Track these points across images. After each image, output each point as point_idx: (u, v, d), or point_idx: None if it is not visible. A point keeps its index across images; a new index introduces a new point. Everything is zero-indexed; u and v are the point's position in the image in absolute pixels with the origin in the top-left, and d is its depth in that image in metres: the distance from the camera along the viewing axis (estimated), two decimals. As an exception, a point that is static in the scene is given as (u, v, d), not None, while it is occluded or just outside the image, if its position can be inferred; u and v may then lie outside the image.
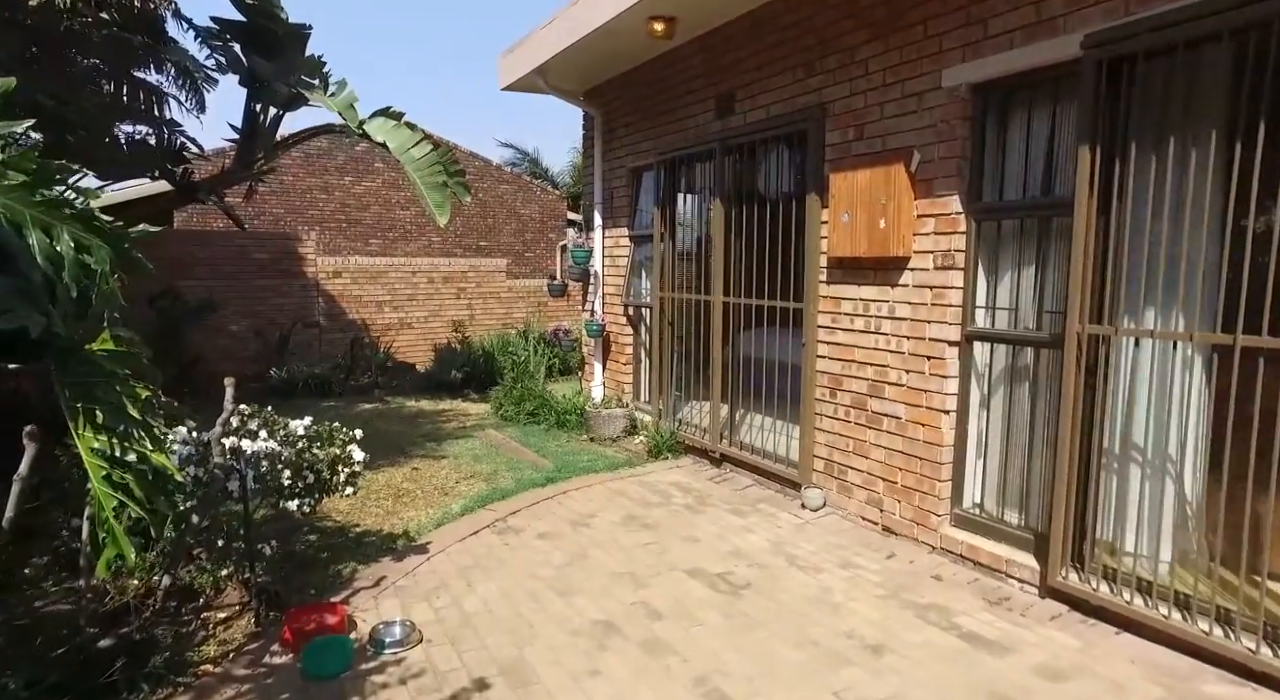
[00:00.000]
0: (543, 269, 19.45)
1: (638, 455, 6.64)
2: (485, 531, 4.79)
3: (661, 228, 6.84)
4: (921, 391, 4.41)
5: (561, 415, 7.69)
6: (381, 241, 17.61)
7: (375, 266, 11.98)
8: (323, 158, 16.91)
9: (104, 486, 2.43)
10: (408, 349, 12.15)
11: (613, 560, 4.34)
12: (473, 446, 6.92)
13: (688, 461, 6.50)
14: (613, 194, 7.72)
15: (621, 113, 7.47)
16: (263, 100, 7.93)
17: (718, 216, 6.08)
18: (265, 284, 10.96)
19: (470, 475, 5.96)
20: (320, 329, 11.41)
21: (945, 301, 4.24)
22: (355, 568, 4.14)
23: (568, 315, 13.61)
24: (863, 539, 4.66)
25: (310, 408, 8.79)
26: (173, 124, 7.46)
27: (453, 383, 10.20)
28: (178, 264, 10.31)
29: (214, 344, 10.51)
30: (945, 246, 4.22)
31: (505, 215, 19.29)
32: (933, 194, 4.26)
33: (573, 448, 6.92)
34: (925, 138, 4.28)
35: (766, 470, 5.71)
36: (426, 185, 7.69)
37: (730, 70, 5.92)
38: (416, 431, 7.59)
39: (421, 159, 7.75)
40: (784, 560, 4.34)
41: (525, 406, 8.05)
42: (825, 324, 5.13)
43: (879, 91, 4.60)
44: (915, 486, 4.46)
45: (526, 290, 13.40)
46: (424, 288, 12.38)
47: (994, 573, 3.95)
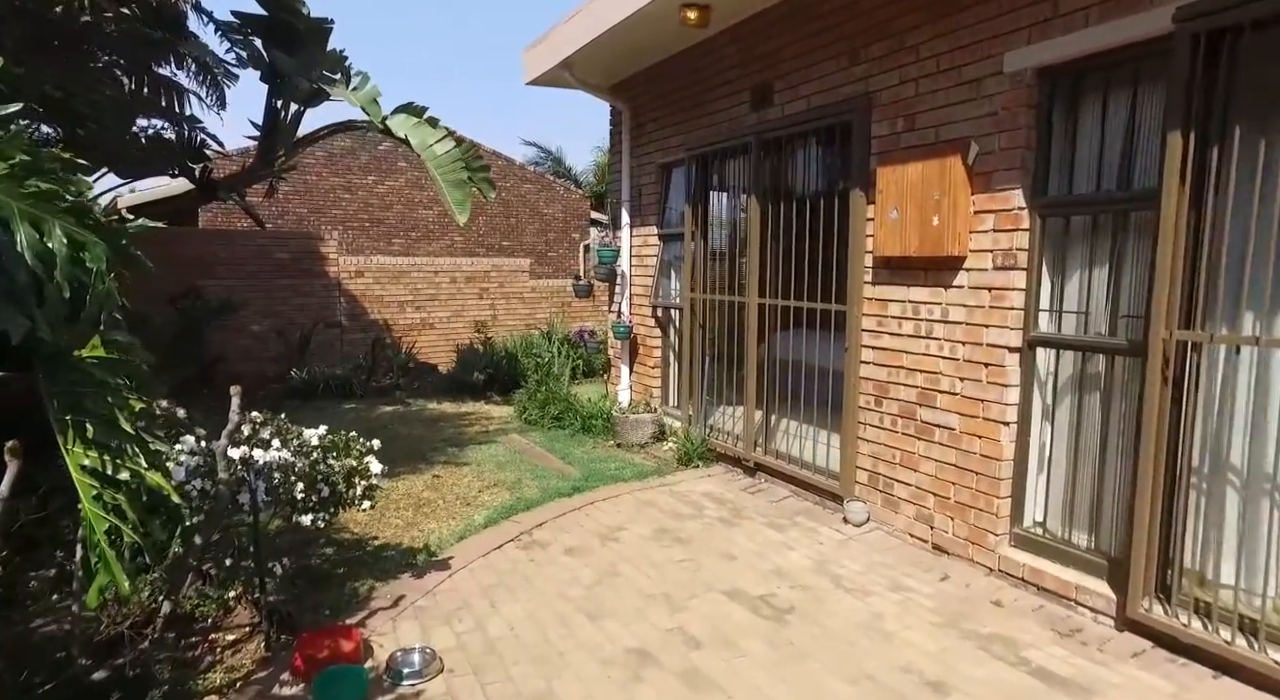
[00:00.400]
0: (565, 269, 19.24)
1: (667, 463, 6.36)
2: (510, 545, 4.53)
3: (692, 226, 6.55)
4: (978, 401, 4.08)
5: (587, 420, 7.43)
6: (404, 241, 17.48)
7: (397, 266, 11.80)
8: (346, 157, 16.81)
9: (94, 507, 2.19)
10: (429, 350, 11.96)
11: (645, 579, 4.06)
12: (496, 453, 6.68)
13: (719, 470, 6.21)
14: (640, 191, 7.45)
15: (650, 107, 7.19)
16: (284, 96, 7.75)
17: (753, 214, 5.79)
18: (287, 284, 10.82)
19: (494, 484, 5.71)
20: (342, 329, 11.26)
21: (1005, 304, 3.91)
22: (373, 585, 3.90)
23: (592, 316, 13.37)
24: (912, 558, 4.34)
25: (330, 410, 8.62)
26: (193, 120, 7.30)
27: (475, 384, 9.98)
28: (199, 263, 10.20)
29: (235, 344, 10.39)
30: (1006, 245, 3.89)
31: (528, 215, 19.09)
32: (992, 188, 3.94)
33: (599, 454, 6.65)
34: (984, 128, 3.96)
35: (804, 481, 5.41)
36: (447, 182, 7.48)
37: (767, 60, 5.62)
38: (438, 436, 7.37)
39: (443, 155, 7.54)
40: (829, 581, 4.04)
41: (550, 410, 7.80)
42: (870, 327, 4.82)
43: (931, 79, 4.28)
44: (970, 503, 4.14)
45: (550, 290, 13.17)
46: (446, 288, 12.19)
47: (1061, 599, 3.62)
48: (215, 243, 10.39)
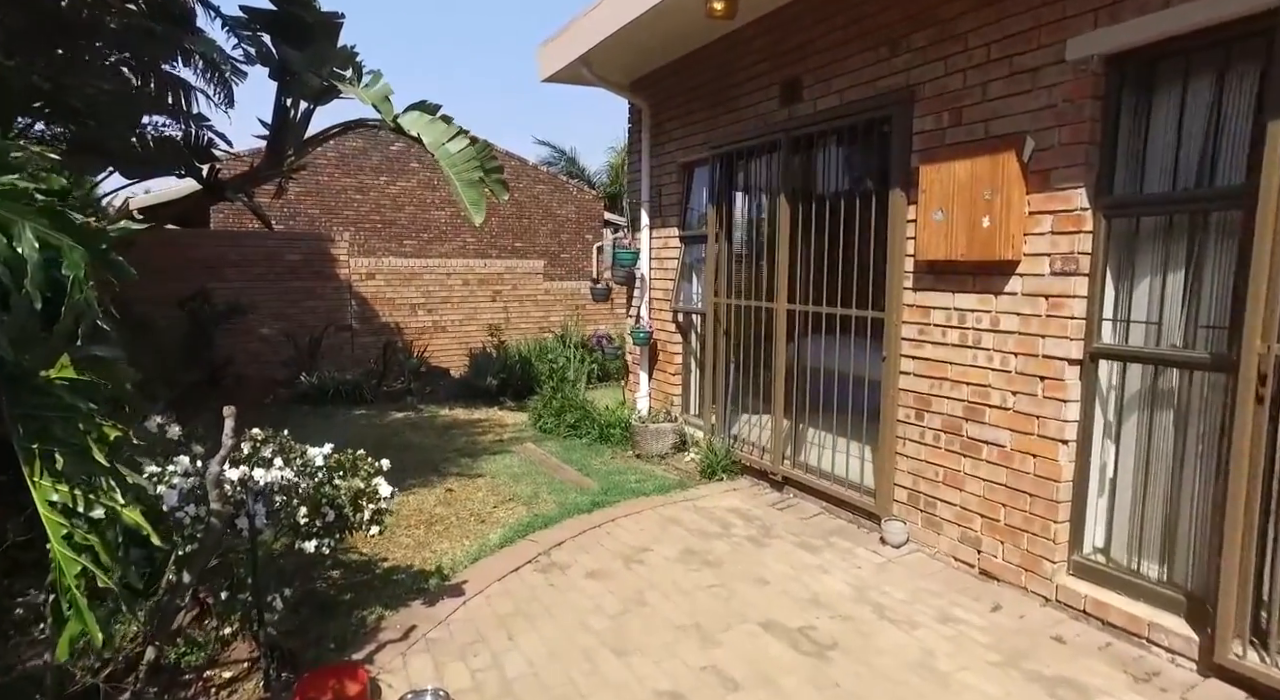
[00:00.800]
0: (579, 271, 18.98)
1: (689, 475, 6.07)
2: (527, 568, 4.25)
3: (716, 227, 6.26)
4: (1032, 417, 3.77)
5: (605, 429, 7.14)
6: (416, 242, 17.25)
7: (409, 268, 11.57)
8: (358, 158, 16.60)
9: (64, 548, 1.92)
10: (441, 354, 11.72)
11: (674, 608, 3.77)
12: (511, 464, 6.40)
13: (744, 483, 5.91)
14: (661, 191, 7.16)
15: (671, 104, 6.90)
16: (293, 93, 7.51)
17: (782, 215, 5.49)
18: (297, 286, 10.60)
19: (509, 498, 5.43)
20: (353, 332, 11.03)
21: (1064, 312, 3.60)
22: (381, 614, 3.63)
23: (607, 320, 13.09)
24: (958, 584, 4.03)
25: (340, 416, 8.37)
26: (200, 118, 7.06)
27: (488, 390, 9.71)
28: (208, 265, 10.00)
29: (244, 347, 10.18)
30: (1066, 248, 3.58)
31: (541, 216, 18.84)
32: (1050, 187, 3.63)
33: (618, 466, 6.37)
34: (1041, 121, 3.65)
35: (837, 497, 5.10)
36: (462, 182, 7.21)
37: (797, 53, 5.32)
38: (450, 445, 7.10)
39: (457, 154, 7.27)
40: (871, 610, 3.74)
41: (566, 418, 7.52)
42: (910, 336, 4.51)
43: (981, 69, 3.97)
44: (1023, 527, 3.82)
45: (564, 293, 12.90)
46: (459, 290, 11.95)
47: (1131, 637, 3.30)
48: (225, 244, 10.18)
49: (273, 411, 8.65)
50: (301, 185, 16.04)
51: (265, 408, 8.88)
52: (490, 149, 7.61)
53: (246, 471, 3.15)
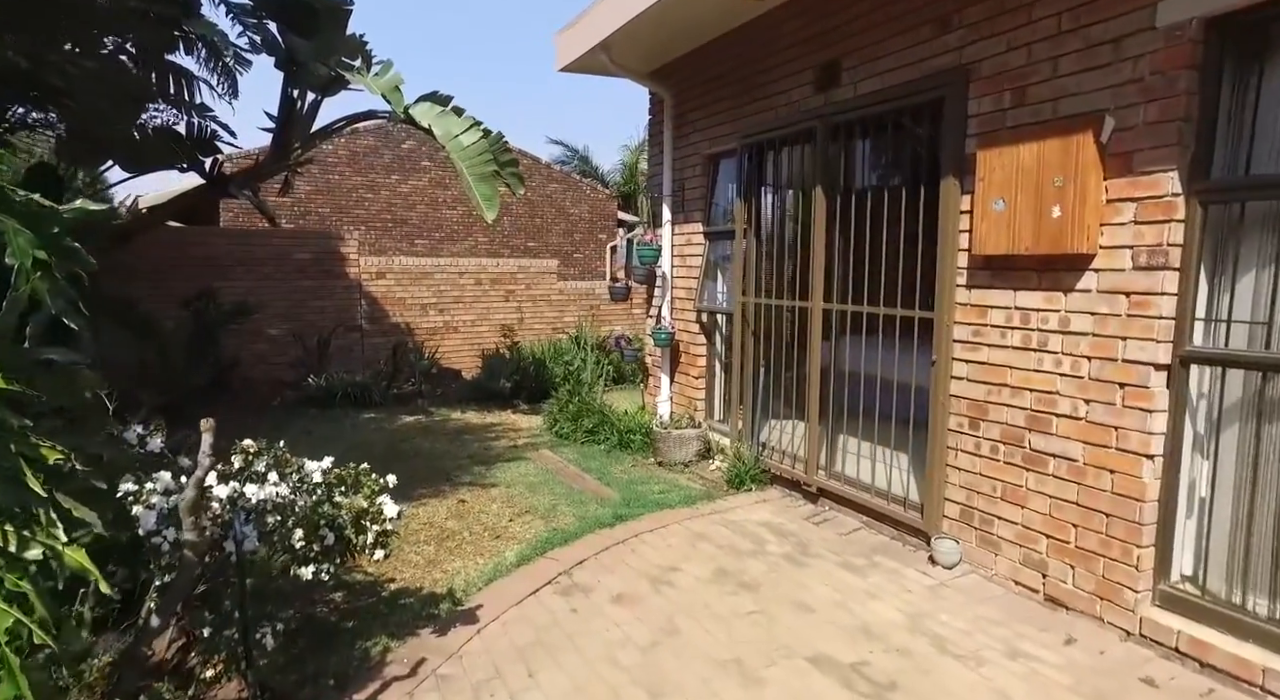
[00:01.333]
0: (592, 270, 18.64)
1: (716, 485, 5.68)
2: (547, 590, 3.88)
3: (744, 222, 5.87)
4: (1110, 428, 3.37)
5: (625, 435, 6.77)
6: (428, 242, 16.95)
7: (420, 267, 11.23)
8: (369, 156, 16.31)
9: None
10: (453, 355, 11.37)
11: (710, 638, 3.39)
12: (526, 472, 6.03)
13: (775, 494, 5.52)
14: (684, 185, 6.78)
15: (696, 93, 6.52)
16: (300, 84, 7.17)
17: (817, 208, 5.10)
18: (305, 285, 10.27)
19: (525, 510, 5.06)
20: (363, 333, 10.70)
21: (1149, 311, 3.20)
22: (387, 645, 3.26)
23: (622, 320, 12.71)
24: (1021, 612, 3.63)
25: (349, 420, 8.03)
26: (203, 109, 6.74)
27: (501, 392, 9.36)
28: (215, 264, 9.69)
29: (251, 348, 9.86)
30: (1152, 239, 3.18)
31: (554, 215, 18.50)
32: (1133, 171, 3.22)
33: (640, 474, 5.99)
34: (1124, 97, 3.24)
35: (878, 511, 4.71)
36: (474, 177, 6.86)
37: (834, 34, 4.93)
38: (463, 451, 6.73)
39: (470, 147, 6.92)
40: (929, 643, 3.34)
41: (583, 423, 7.15)
42: (964, 338, 4.11)
43: (1050, 43, 3.57)
44: (1099, 550, 3.42)
45: (578, 293, 12.54)
46: (471, 290, 11.60)
47: (1240, 683, 2.89)
48: (231, 242, 9.87)
49: (279, 414, 8.32)
50: (312, 184, 15.77)
51: (272, 410, 8.55)
52: (504, 142, 7.25)
53: (237, 488, 2.80)
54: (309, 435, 7.26)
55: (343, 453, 6.52)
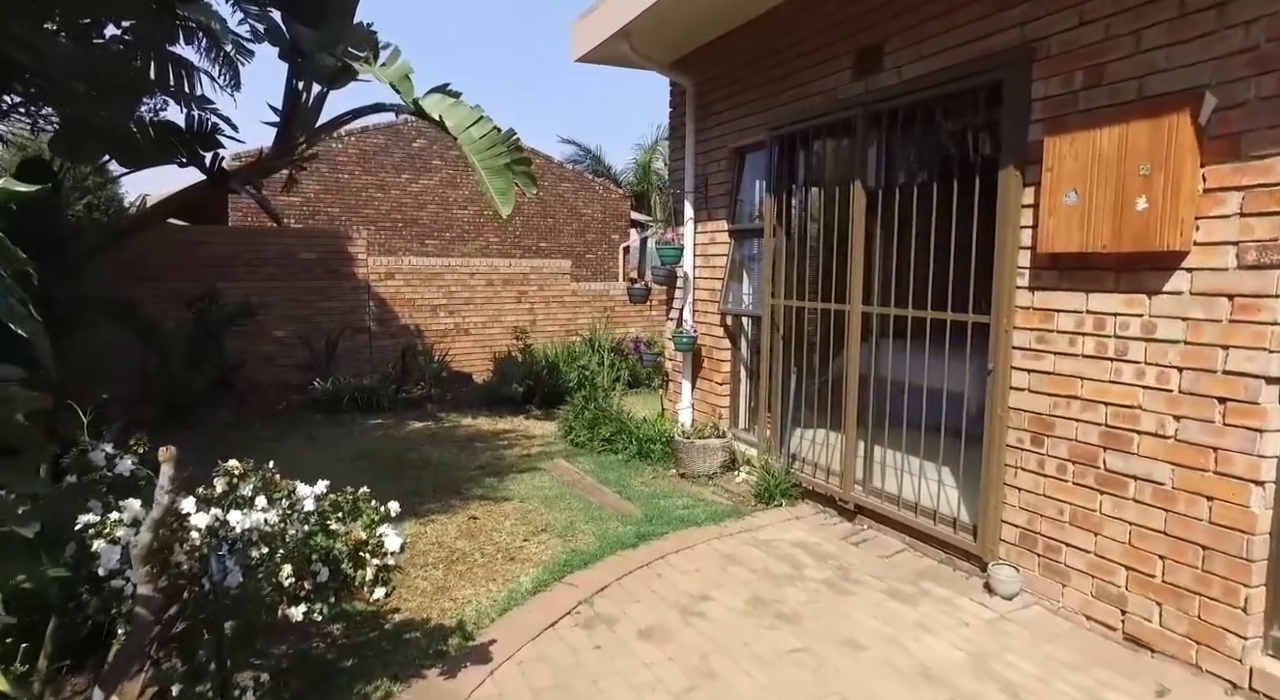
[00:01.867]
0: (605, 271, 18.28)
1: (743, 500, 5.29)
2: (566, 622, 3.49)
3: (774, 220, 5.48)
4: (1207, 448, 2.96)
5: (644, 444, 6.38)
6: (438, 242, 16.63)
7: (430, 267, 10.88)
8: (379, 155, 16.00)
9: None
10: (464, 358, 11.01)
11: (751, 683, 2.99)
12: (542, 484, 5.65)
13: (807, 510, 5.12)
14: (707, 181, 6.38)
15: (721, 82, 6.13)
16: (305, 75, 6.82)
17: (856, 203, 4.70)
18: (312, 286, 9.93)
19: (541, 528, 4.68)
20: (371, 335, 10.35)
21: (1258, 317, 2.79)
22: (389, 689, 2.88)
23: (637, 322, 12.34)
24: (1098, 653, 3.22)
25: (355, 426, 7.68)
26: (203, 100, 6.40)
27: (514, 397, 8.99)
28: (219, 264, 9.36)
29: (256, 351, 9.53)
30: (1263, 233, 2.77)
31: (566, 215, 18.15)
32: (1241, 155, 2.82)
33: (662, 487, 5.60)
34: (1229, 71, 2.84)
35: (923, 532, 4.31)
36: (488, 170, 6.50)
37: (876, 15, 4.53)
38: (474, 461, 6.36)
39: (482, 139, 6.56)
40: (1000, 690, 2.94)
41: (600, 432, 6.76)
42: (1025, 345, 3.71)
43: (1132, 14, 3.17)
44: (1194, 588, 3.01)
45: (591, 294, 12.16)
46: (482, 291, 11.24)
47: (1375, 748, 2.48)
48: (237, 242, 9.54)
49: (283, 419, 7.98)
50: (321, 183, 15.48)
51: (276, 415, 8.22)
52: (516, 137, 6.89)
53: (219, 516, 2.42)
54: (313, 442, 6.91)
55: (348, 461, 6.23)
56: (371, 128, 15.93)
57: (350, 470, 5.88)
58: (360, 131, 15.82)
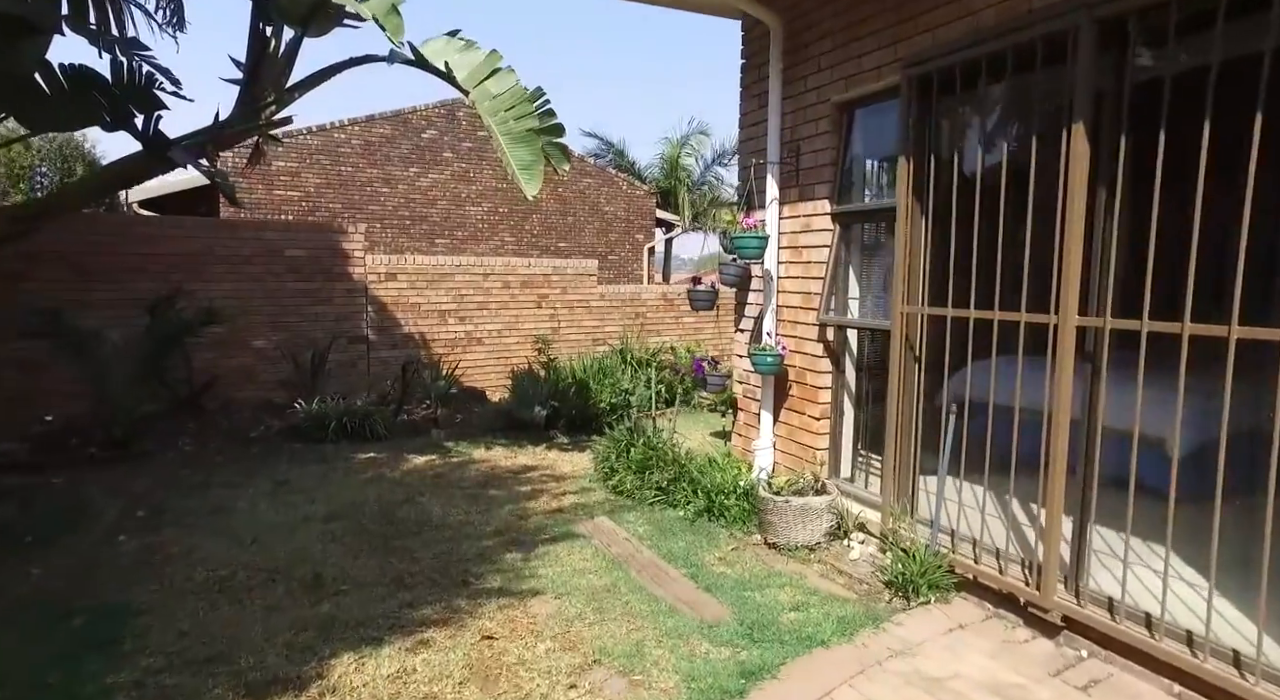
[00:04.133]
0: (628, 274, 16.66)
1: (870, 591, 3.64)
2: None
3: (910, 195, 3.82)
4: None
5: (714, 497, 4.71)
6: (449, 241, 15.02)
7: (438, 268, 9.25)
8: (385, 146, 14.42)
9: None
10: (475, 371, 9.39)
11: None
12: (583, 562, 3.99)
13: (971, 612, 3.45)
14: (799, 147, 4.72)
15: (824, 13, 4.47)
16: (273, 18, 5.23)
17: (1075, 165, 3.03)
18: (300, 288, 8.33)
19: (593, 656, 3.01)
20: (369, 345, 8.74)
21: None
22: None
23: (672, 331, 10.71)
24: None
25: (339, 461, 6.03)
26: (136, 45, 4.79)
27: (535, 422, 7.34)
28: (189, 262, 7.78)
29: (232, 364, 7.94)
30: None
31: (587, 213, 16.52)
32: None
33: (750, 567, 3.95)
34: None
35: (1210, 683, 2.63)
36: (509, 137, 4.87)
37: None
38: (488, 519, 4.70)
39: (502, 96, 4.93)
40: None
41: (653, 476, 5.11)
42: None
43: None
44: None
45: (621, 298, 10.51)
46: (497, 294, 9.61)
47: None
48: (210, 236, 7.94)
49: (254, 452, 6.36)
50: (322, 176, 13.91)
51: (246, 445, 6.59)
52: (545, 98, 5.28)
53: None
54: (282, 487, 5.27)
55: (318, 522, 4.53)
56: (377, 116, 14.35)
57: (319, 538, 4.24)
58: (365, 120, 14.25)
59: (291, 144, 13.62)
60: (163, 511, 4.64)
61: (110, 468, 5.66)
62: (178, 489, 5.11)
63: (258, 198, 13.37)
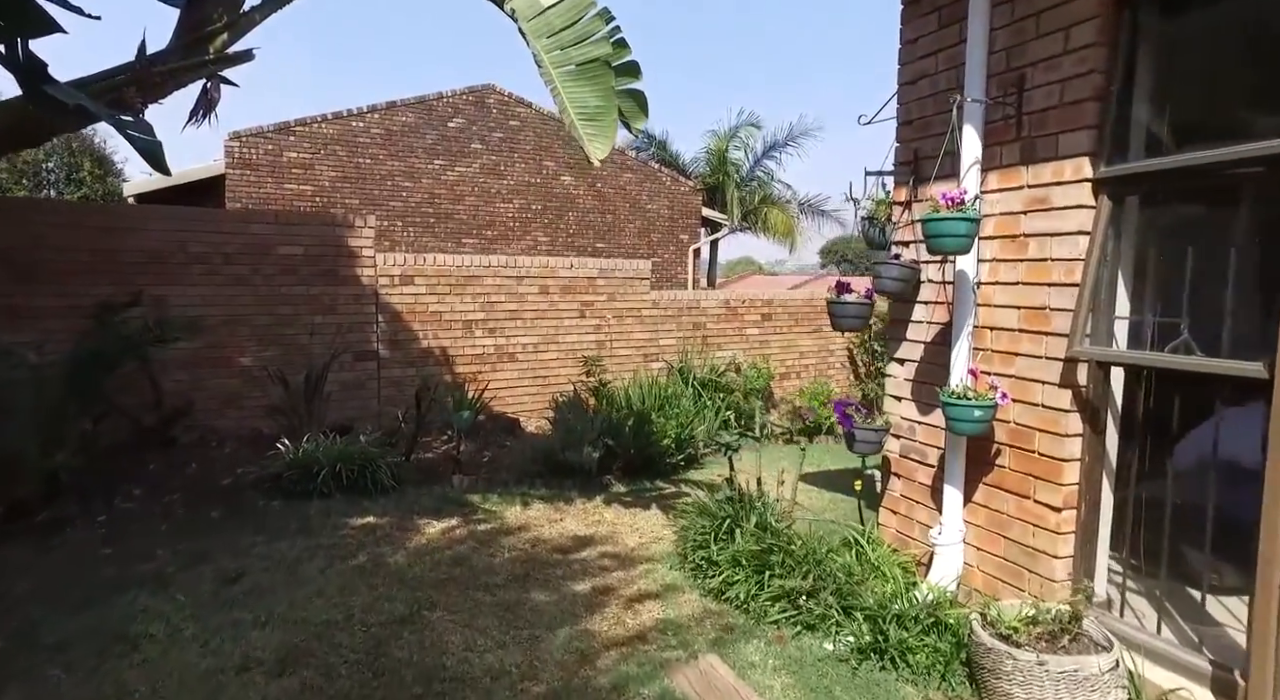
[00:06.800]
0: (672, 278, 14.89)
1: None
2: None
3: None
4: None
5: (883, 624, 2.94)
6: (478, 241, 13.39)
7: (463, 269, 7.56)
8: (408, 136, 12.82)
9: None
10: (507, 394, 7.69)
11: None
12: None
13: None
14: (1025, 79, 2.93)
15: None
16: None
17: None
18: (296, 293, 6.69)
19: None
20: (379, 362, 7.08)
21: None
22: None
23: (735, 344, 8.95)
24: None
25: (324, 531, 4.28)
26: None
27: (584, 466, 5.61)
28: (158, 261, 6.17)
29: (211, 386, 6.33)
30: None
31: (628, 210, 14.80)
32: None
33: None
34: None
35: None
36: (567, 72, 3.10)
37: None
38: (532, 665, 2.94)
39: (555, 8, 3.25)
40: None
41: (780, 579, 3.33)
42: None
43: None
44: None
45: (678, 307, 8.75)
46: (533, 301, 7.90)
47: None
48: (183, 229, 6.31)
49: (214, 517, 4.65)
50: (338, 168, 12.33)
51: (212, 502, 4.90)
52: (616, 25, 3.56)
53: None
54: (231, 586, 3.54)
55: (265, 676, 2.45)
56: (399, 103, 12.76)
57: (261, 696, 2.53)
58: (386, 107, 12.67)
59: (305, 133, 12.07)
60: (22, 645, 2.94)
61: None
62: (73, 592, 3.41)
63: (266, 192, 11.82)
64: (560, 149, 14.00)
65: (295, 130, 12.06)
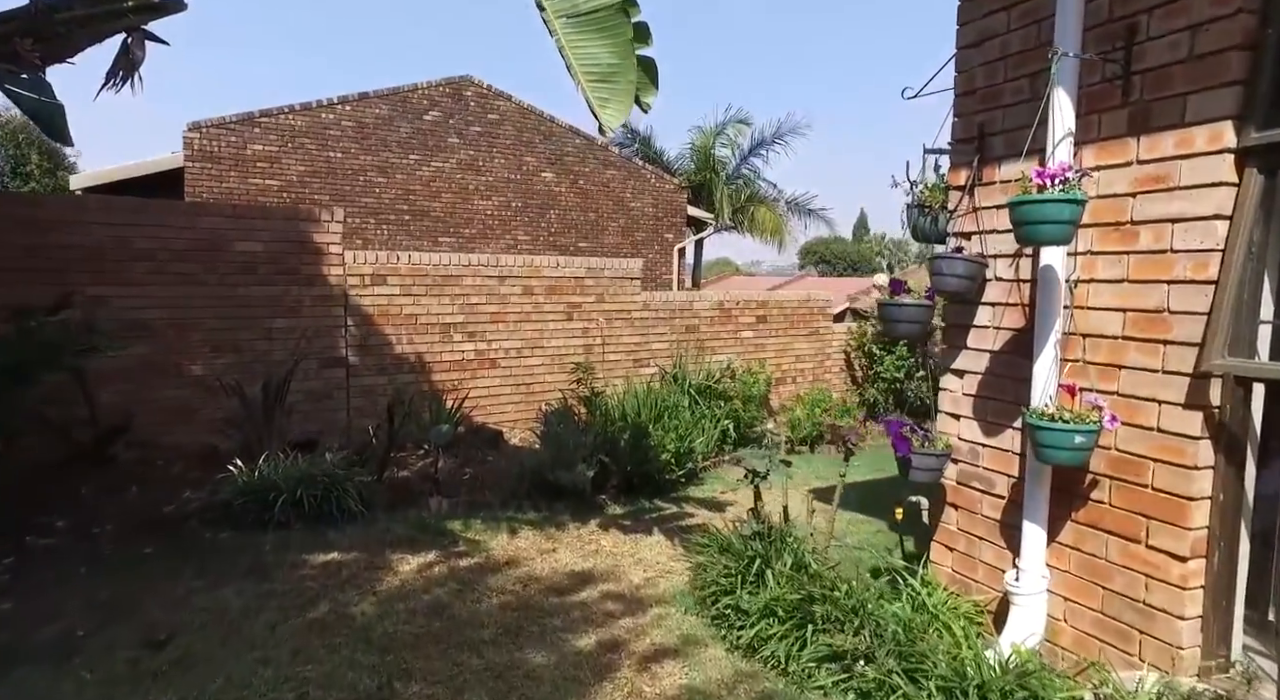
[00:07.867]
0: (657, 278, 14.27)
1: None
2: None
3: None
4: None
5: (958, 699, 2.36)
6: (455, 239, 12.68)
7: (441, 269, 6.88)
8: (380, 128, 12.06)
9: None
10: (489, 402, 7.02)
11: None
12: None
13: None
14: (1137, 29, 2.37)
15: None
16: None
17: None
18: (255, 294, 5.98)
19: None
20: (349, 370, 6.38)
21: None
22: None
23: (730, 348, 8.37)
24: None
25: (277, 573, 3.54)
26: None
27: (577, 485, 4.99)
28: (95, 258, 5.43)
29: (158, 397, 5.59)
30: None
31: (611, 209, 14.17)
32: None
33: None
34: None
35: None
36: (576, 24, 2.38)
37: None
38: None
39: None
40: None
41: (827, 638, 2.74)
42: None
43: None
44: None
45: (669, 309, 8.15)
46: (516, 303, 7.25)
47: None
48: (124, 223, 5.58)
49: (147, 554, 3.94)
50: (307, 163, 11.55)
51: (147, 535, 4.19)
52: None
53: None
54: (153, 655, 2.86)
55: None
56: (372, 94, 12.01)
57: None
58: (358, 99, 11.91)
59: (271, 124, 11.28)
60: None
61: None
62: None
63: (229, 187, 11.01)
64: (541, 144, 13.34)
65: (260, 121, 11.27)
